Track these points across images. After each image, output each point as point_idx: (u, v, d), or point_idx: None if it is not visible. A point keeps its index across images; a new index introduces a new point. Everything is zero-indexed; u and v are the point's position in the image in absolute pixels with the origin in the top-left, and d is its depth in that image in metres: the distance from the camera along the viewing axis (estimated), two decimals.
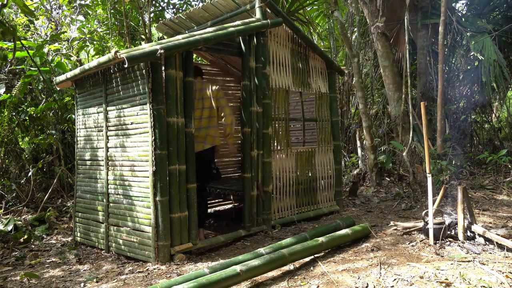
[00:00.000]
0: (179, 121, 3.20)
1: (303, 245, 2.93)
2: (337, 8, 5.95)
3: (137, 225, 3.24)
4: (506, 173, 6.00)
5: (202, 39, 3.30)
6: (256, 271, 2.56)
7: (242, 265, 2.53)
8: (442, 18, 5.14)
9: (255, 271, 2.55)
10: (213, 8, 4.25)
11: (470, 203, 3.25)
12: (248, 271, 2.50)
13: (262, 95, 3.90)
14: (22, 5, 3.79)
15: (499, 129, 9.05)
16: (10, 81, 5.64)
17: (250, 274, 2.53)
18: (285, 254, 2.75)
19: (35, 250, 3.80)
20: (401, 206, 4.82)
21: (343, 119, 8.38)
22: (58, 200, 5.46)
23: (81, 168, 3.96)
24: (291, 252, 2.80)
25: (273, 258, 2.68)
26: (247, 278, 2.53)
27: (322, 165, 4.66)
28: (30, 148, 5.84)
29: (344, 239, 3.23)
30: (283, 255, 2.74)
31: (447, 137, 5.86)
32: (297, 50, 4.45)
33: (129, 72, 3.26)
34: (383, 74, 6.38)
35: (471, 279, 2.40)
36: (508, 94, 9.13)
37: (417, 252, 3.00)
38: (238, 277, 2.45)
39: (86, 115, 3.87)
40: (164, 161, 3.09)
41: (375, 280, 2.48)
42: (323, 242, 3.02)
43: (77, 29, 8.08)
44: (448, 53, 6.82)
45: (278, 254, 2.73)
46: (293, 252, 2.81)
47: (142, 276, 2.85)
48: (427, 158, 3.20)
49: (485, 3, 6.99)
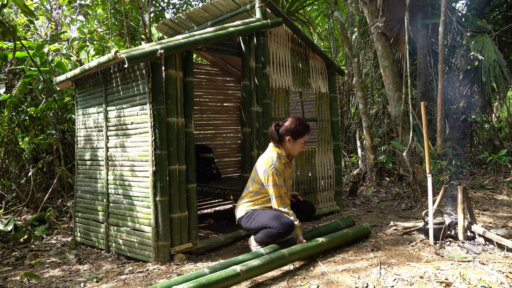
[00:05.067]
0: (179, 121, 3.20)
1: (303, 245, 2.94)
2: (337, 8, 5.95)
3: (137, 225, 3.24)
4: (506, 173, 6.00)
5: (202, 39, 3.30)
6: (256, 271, 2.56)
7: (242, 265, 2.53)
8: (442, 18, 5.14)
9: (255, 271, 2.55)
10: (213, 8, 4.25)
11: (470, 203, 3.25)
12: (248, 271, 2.50)
13: (262, 95, 3.91)
14: (22, 5, 3.79)
15: (499, 129, 9.06)
16: (10, 81, 5.64)
17: (250, 274, 2.53)
18: (285, 254, 2.75)
19: (35, 250, 3.80)
20: (401, 206, 4.82)
21: (343, 119, 8.38)
22: (58, 200, 5.46)
23: (81, 168, 3.96)
24: (292, 252, 2.80)
25: (273, 258, 2.68)
26: (247, 278, 2.53)
27: (322, 165, 4.67)
28: (30, 148, 5.84)
29: (344, 239, 3.23)
30: (283, 255, 2.74)
31: (447, 137, 5.87)
32: (297, 50, 4.45)
33: (129, 72, 3.27)
34: (383, 74, 6.38)
35: (471, 279, 2.40)
36: (508, 94, 9.13)
37: (417, 252, 3.00)
38: (238, 277, 2.45)
39: (86, 115, 3.87)
40: (164, 161, 3.09)
41: (375, 280, 2.48)
42: (323, 242, 3.02)
43: (77, 29, 8.08)
44: (448, 53, 6.83)
45: (278, 254, 2.73)
46: (294, 252, 2.81)
47: (142, 276, 2.86)
48: (427, 158, 3.20)
49: (485, 3, 7.00)
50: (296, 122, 3.17)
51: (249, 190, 3.23)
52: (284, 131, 3.16)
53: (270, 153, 3.14)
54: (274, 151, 3.14)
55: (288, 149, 3.21)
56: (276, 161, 3.07)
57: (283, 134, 3.17)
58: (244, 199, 3.25)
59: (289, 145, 3.17)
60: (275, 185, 3.04)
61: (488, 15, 7.20)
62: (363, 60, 8.08)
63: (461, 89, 7.40)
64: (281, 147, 3.19)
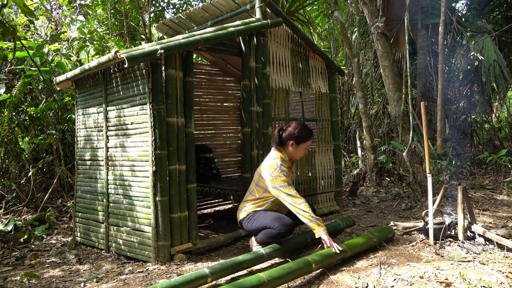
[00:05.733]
0: (179, 121, 3.20)
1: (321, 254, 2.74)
2: (337, 8, 5.95)
3: (137, 225, 3.24)
4: (506, 173, 6.00)
5: (202, 39, 3.30)
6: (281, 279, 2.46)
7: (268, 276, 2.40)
8: (442, 18, 5.15)
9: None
10: (213, 8, 4.25)
11: (470, 203, 3.25)
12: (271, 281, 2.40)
13: (262, 95, 3.90)
14: (22, 5, 3.79)
15: (499, 129, 9.06)
16: (10, 81, 5.64)
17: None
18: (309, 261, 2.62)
19: (35, 250, 3.80)
20: (401, 206, 4.82)
21: (343, 119, 8.38)
22: (58, 200, 5.46)
23: (81, 168, 3.96)
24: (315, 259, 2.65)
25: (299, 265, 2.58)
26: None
27: (322, 165, 4.67)
28: (30, 148, 5.84)
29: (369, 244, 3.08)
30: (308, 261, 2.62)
31: (447, 137, 5.87)
32: (297, 50, 4.45)
33: (129, 72, 3.27)
34: (383, 74, 6.38)
35: (471, 279, 2.40)
36: (508, 94, 9.13)
37: (417, 252, 3.00)
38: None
39: (86, 115, 3.87)
40: (164, 161, 3.09)
41: (375, 280, 2.48)
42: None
43: (77, 29, 8.09)
44: (448, 53, 6.83)
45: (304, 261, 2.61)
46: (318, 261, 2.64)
47: (142, 276, 2.85)
48: (427, 158, 3.20)
49: (485, 3, 7.00)
50: (300, 127, 3.16)
51: (252, 194, 3.22)
52: (288, 136, 3.15)
53: (274, 159, 3.12)
54: (278, 157, 3.12)
55: (290, 154, 3.19)
56: (280, 165, 3.06)
57: (286, 138, 3.15)
58: (247, 202, 3.25)
59: (292, 149, 3.16)
60: (287, 185, 2.97)
61: (488, 15, 7.20)
62: (363, 60, 8.08)
63: (461, 89, 7.40)
64: (284, 152, 3.18)
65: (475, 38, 6.09)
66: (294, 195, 2.96)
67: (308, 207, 2.93)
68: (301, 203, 2.93)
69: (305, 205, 2.93)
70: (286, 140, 3.15)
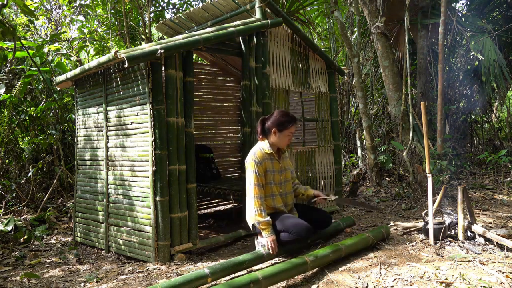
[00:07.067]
0: (179, 121, 3.20)
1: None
2: (337, 8, 5.96)
3: (137, 225, 3.24)
4: (506, 173, 6.00)
5: (202, 39, 3.30)
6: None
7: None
8: (442, 18, 5.14)
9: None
10: (213, 8, 4.25)
11: (470, 203, 3.25)
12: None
13: (262, 95, 3.90)
14: (22, 5, 3.79)
15: (499, 129, 9.05)
16: (10, 81, 5.64)
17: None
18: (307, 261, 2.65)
19: (35, 250, 3.80)
20: (401, 206, 4.82)
21: (343, 119, 8.38)
22: (58, 200, 5.46)
23: (81, 168, 3.96)
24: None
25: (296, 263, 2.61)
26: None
27: (322, 165, 4.67)
28: (30, 148, 5.84)
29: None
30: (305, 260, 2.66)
31: (447, 137, 5.86)
32: (297, 50, 4.45)
33: (129, 72, 3.27)
34: (383, 74, 6.38)
35: (471, 279, 2.40)
36: (508, 94, 9.13)
37: (417, 252, 3.00)
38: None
39: (86, 115, 3.87)
40: (164, 161, 3.09)
41: (375, 280, 2.48)
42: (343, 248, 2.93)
43: (77, 29, 8.09)
44: (448, 53, 6.82)
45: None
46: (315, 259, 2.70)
47: (142, 276, 2.85)
48: (427, 158, 3.20)
49: (485, 3, 7.00)
50: (280, 114, 3.17)
51: None
52: (270, 124, 3.15)
53: (253, 153, 3.12)
54: (259, 147, 3.15)
55: (275, 142, 3.17)
56: (257, 151, 3.08)
57: (269, 127, 3.15)
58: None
59: (276, 137, 3.15)
60: (252, 172, 3.01)
61: (488, 15, 7.20)
62: (363, 60, 8.08)
63: (461, 89, 7.40)
64: (267, 140, 3.20)
65: (475, 38, 6.09)
66: (255, 198, 2.99)
67: (259, 214, 2.96)
68: (255, 209, 2.98)
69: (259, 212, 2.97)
70: (269, 129, 3.15)
